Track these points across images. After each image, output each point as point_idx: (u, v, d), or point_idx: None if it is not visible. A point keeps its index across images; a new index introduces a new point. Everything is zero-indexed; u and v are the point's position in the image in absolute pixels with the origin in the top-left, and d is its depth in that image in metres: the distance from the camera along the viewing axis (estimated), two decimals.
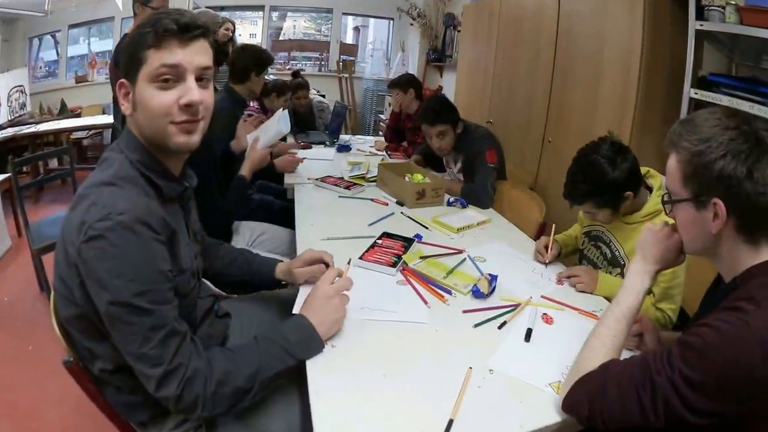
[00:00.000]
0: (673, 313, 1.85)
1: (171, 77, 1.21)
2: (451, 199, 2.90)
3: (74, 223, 1.14)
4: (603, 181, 1.84)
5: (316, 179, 3.11)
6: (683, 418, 1.05)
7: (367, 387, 1.33)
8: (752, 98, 2.41)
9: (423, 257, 2.10)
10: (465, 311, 1.75)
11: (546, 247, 2.12)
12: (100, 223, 1.11)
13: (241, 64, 3.05)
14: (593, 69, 3.27)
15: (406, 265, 2.01)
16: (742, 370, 0.99)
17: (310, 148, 4.37)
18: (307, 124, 5.47)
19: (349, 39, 9.98)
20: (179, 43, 1.20)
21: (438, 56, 7.76)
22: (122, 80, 1.25)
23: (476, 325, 1.67)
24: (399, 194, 2.84)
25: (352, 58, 9.31)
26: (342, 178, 3.18)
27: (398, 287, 1.89)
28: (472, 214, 2.73)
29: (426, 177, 2.95)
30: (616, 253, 2.04)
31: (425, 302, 1.79)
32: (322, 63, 9.40)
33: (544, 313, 1.78)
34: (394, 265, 1.97)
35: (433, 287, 1.88)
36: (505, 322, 1.69)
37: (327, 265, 1.79)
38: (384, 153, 4.22)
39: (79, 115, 7.19)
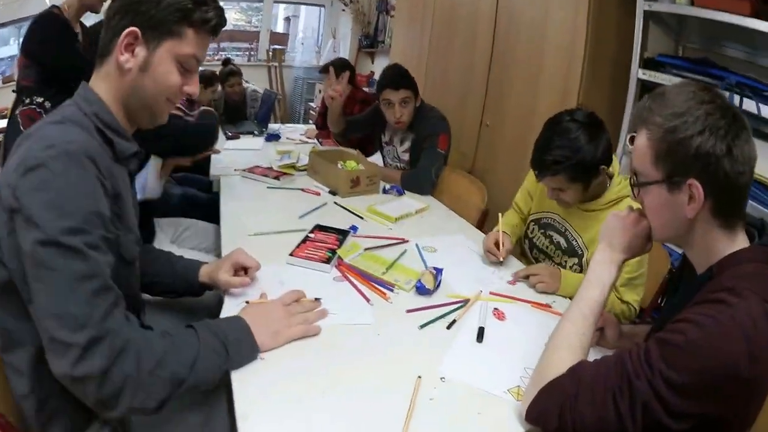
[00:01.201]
0: (637, 304, 1.74)
1: (191, 68, 1.23)
2: (387, 187, 2.69)
3: (12, 166, 1.01)
4: (581, 147, 1.65)
5: (243, 170, 2.84)
6: (663, 424, 0.93)
7: (305, 408, 1.11)
8: (703, 80, 2.32)
9: (365, 249, 1.90)
10: (409, 311, 1.55)
11: (497, 244, 1.92)
12: (42, 152, 0.99)
13: None
14: (535, 51, 3.10)
15: (342, 260, 1.79)
16: (728, 368, 0.89)
17: (239, 138, 4.09)
18: (240, 114, 5.16)
19: (280, 28, 9.67)
20: (207, 38, 1.23)
21: (370, 42, 7.55)
22: (134, 29, 1.14)
23: (422, 326, 1.47)
24: (331, 183, 2.61)
25: (282, 47, 8.98)
26: (271, 168, 2.93)
27: (336, 284, 1.67)
28: (410, 201, 2.54)
29: (360, 164, 2.73)
30: (574, 243, 1.89)
31: (367, 300, 1.58)
32: (252, 53, 9.02)
33: (495, 308, 1.61)
34: (328, 261, 1.75)
35: (373, 284, 1.67)
36: (454, 321, 1.51)
37: (246, 271, 1.59)
38: (315, 141, 3.98)
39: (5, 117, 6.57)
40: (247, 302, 1.43)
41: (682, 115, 1.01)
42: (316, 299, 1.50)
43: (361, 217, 2.27)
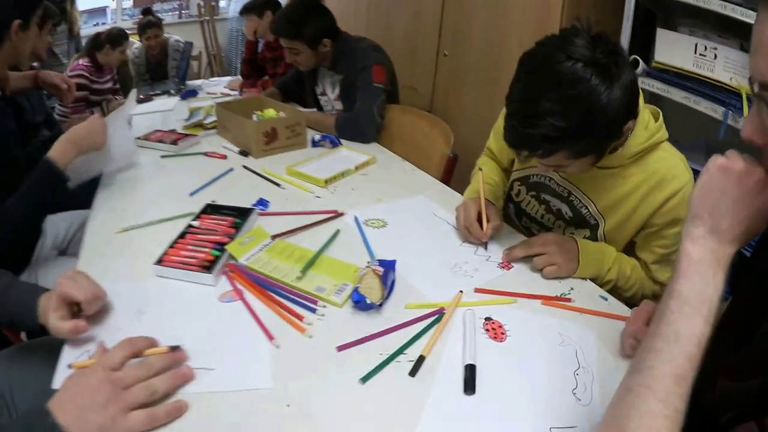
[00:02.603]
0: None
1: None
2: (317, 138, 1.97)
3: None
4: (592, 108, 0.93)
5: (138, 138, 2.07)
6: None
7: None
8: None
9: (272, 238, 1.20)
10: (341, 348, 0.87)
11: (479, 220, 1.24)
12: None
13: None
14: None
15: (234, 262, 1.09)
16: None
17: (151, 100, 3.31)
18: (162, 72, 4.38)
19: None
20: None
21: None
22: None
23: (365, 379, 0.81)
24: (242, 140, 1.88)
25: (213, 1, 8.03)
26: (174, 130, 2.17)
27: (222, 310, 0.98)
28: (349, 154, 1.83)
29: (281, 112, 1.99)
30: (584, 211, 1.23)
31: (269, 336, 0.90)
32: (182, 9, 8.07)
33: (488, 319, 0.96)
34: (210, 266, 1.05)
35: (282, 300, 0.98)
36: (421, 359, 0.84)
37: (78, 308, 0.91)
38: (237, 92, 3.23)
39: None
40: (70, 366, 0.82)
41: None
42: (173, 348, 0.81)
43: (278, 184, 1.56)
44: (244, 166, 1.68)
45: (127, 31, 3.97)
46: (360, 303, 0.93)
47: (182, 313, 0.95)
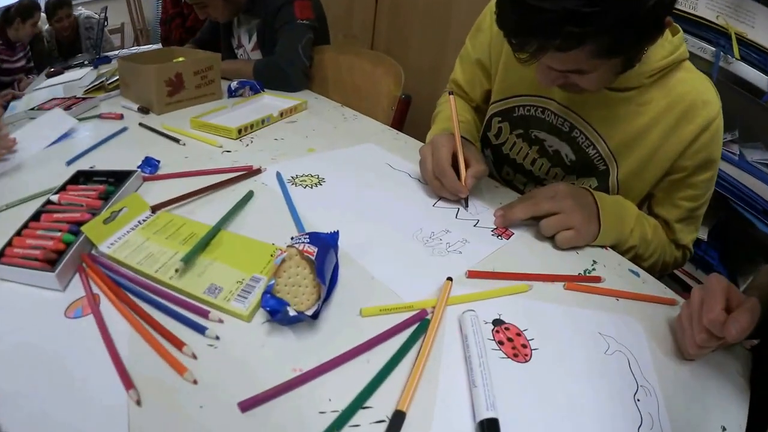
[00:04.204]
0: (692, 247, 0.94)
1: None
2: (234, 85, 1.49)
3: None
4: None
5: (30, 109, 1.56)
6: None
7: None
8: None
9: (152, 211, 0.75)
10: (245, 404, 0.45)
11: (455, 166, 0.83)
12: None
13: None
14: None
15: (94, 249, 0.67)
16: None
17: (62, 73, 2.77)
18: (73, 49, 3.74)
19: None
20: None
21: None
22: None
23: None
24: (143, 95, 1.40)
25: None
26: (74, 96, 1.67)
27: (67, 331, 0.54)
28: (273, 101, 1.38)
29: (189, 58, 1.52)
30: (591, 152, 0.88)
31: (125, 384, 0.47)
32: None
33: (497, 323, 0.57)
34: (55, 260, 0.62)
35: (151, 314, 0.56)
36: (399, 419, 0.45)
37: None
38: None
39: None
40: None
41: None
42: None
43: (177, 140, 1.10)
44: (141, 124, 1.21)
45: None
46: (278, 314, 0.51)
47: (13, 341, 0.52)
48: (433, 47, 1.99)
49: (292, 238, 0.59)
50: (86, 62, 3.04)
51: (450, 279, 0.62)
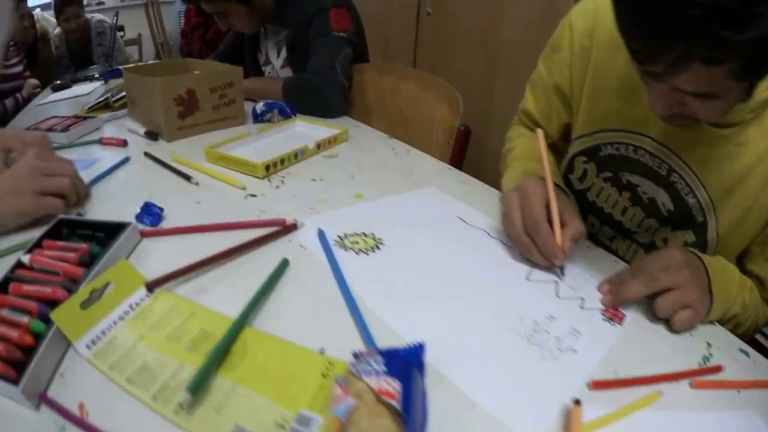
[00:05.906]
0: None
1: None
2: (260, 107, 1.28)
3: None
4: None
5: (27, 128, 1.38)
6: None
7: None
8: None
9: (148, 292, 0.55)
10: None
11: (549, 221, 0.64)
12: None
13: None
14: None
15: (72, 347, 0.46)
16: None
17: (70, 87, 2.63)
18: (85, 58, 3.60)
19: None
20: None
21: None
22: None
23: None
24: (150, 116, 1.21)
25: None
26: (74, 116, 1.49)
27: None
28: (306, 129, 1.17)
29: (204, 71, 1.33)
30: (690, 200, 0.74)
31: None
32: None
33: None
34: (23, 365, 0.42)
35: None
36: None
37: None
38: None
39: None
40: None
41: None
42: None
43: (189, 178, 0.89)
44: (146, 153, 1.02)
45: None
46: None
47: None
48: (481, 71, 1.80)
49: (355, 356, 0.38)
50: (97, 74, 2.90)
51: (578, 403, 0.42)
